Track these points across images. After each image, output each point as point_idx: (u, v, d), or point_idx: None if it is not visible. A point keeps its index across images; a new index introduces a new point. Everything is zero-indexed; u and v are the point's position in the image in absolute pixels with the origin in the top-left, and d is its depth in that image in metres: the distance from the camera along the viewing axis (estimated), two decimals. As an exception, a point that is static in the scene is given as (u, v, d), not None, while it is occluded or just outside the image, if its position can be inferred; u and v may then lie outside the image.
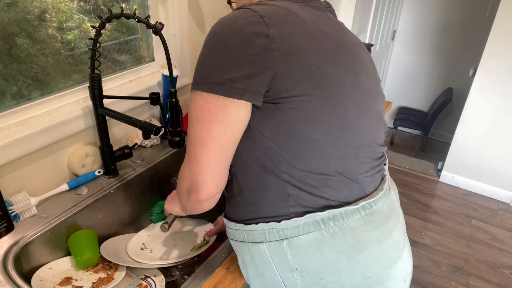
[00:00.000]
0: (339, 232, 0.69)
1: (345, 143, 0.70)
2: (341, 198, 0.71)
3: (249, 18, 0.64)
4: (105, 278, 0.92)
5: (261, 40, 0.62)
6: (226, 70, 0.62)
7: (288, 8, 0.69)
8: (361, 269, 0.71)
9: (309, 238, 0.70)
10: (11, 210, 0.91)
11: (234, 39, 0.63)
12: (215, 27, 0.66)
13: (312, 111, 0.66)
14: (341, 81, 0.69)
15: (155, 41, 1.34)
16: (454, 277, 2.09)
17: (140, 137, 1.27)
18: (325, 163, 0.69)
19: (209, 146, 0.65)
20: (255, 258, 0.76)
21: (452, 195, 2.77)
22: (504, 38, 2.34)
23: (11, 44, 0.94)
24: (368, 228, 0.71)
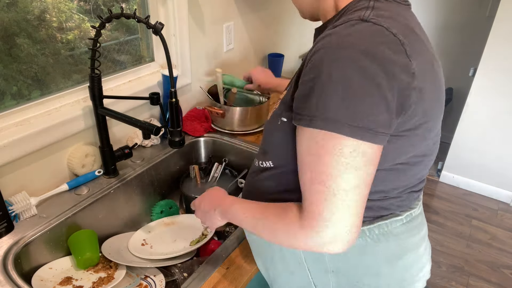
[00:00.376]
0: (382, 239, 0.69)
1: (416, 176, 0.70)
2: (390, 210, 0.70)
3: (392, 45, 0.54)
4: (106, 278, 0.92)
5: (405, 76, 0.54)
6: (371, 111, 0.52)
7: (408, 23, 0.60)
8: (399, 273, 0.72)
9: None
10: (11, 210, 0.91)
11: (379, 72, 0.52)
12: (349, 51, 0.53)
13: (409, 148, 0.63)
14: (438, 119, 0.66)
15: (155, 41, 1.34)
16: (454, 277, 2.09)
17: (140, 137, 1.27)
18: (390, 188, 0.68)
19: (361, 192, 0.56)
20: (286, 257, 0.75)
21: (452, 195, 2.77)
22: (504, 38, 2.34)
23: (11, 44, 0.94)
24: (409, 235, 0.72)
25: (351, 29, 0.55)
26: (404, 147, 0.62)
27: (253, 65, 1.86)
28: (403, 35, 0.56)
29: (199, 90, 1.52)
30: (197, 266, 1.00)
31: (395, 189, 0.68)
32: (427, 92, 0.58)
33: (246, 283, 0.86)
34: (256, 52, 1.84)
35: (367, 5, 0.60)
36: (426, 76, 0.58)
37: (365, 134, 0.53)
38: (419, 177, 0.72)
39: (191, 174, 1.31)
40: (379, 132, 0.54)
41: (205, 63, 1.51)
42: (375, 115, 0.53)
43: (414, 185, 0.72)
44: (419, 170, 0.69)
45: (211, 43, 1.50)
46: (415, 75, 0.55)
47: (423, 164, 0.69)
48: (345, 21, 0.58)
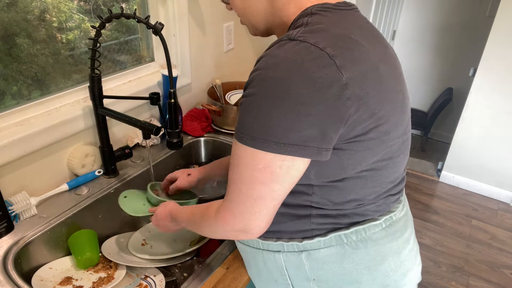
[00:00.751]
0: (361, 245, 0.69)
1: (386, 179, 0.70)
2: (367, 216, 0.70)
3: (318, 60, 0.54)
4: (106, 278, 0.92)
5: (334, 89, 0.54)
6: (297, 127, 0.54)
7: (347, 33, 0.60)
8: (380, 279, 0.71)
9: (330, 252, 0.69)
10: (11, 210, 0.91)
11: (304, 90, 0.53)
12: (274, 71, 0.55)
13: (366, 153, 0.63)
14: (396, 120, 0.65)
15: (155, 41, 1.34)
16: (454, 277, 2.09)
17: (140, 137, 1.27)
18: (362, 196, 0.68)
19: (267, 204, 0.61)
20: (269, 265, 0.76)
21: (452, 195, 2.77)
22: (504, 38, 2.34)
23: (11, 44, 0.94)
24: (389, 239, 0.71)
25: (279, 49, 0.57)
26: (360, 153, 0.62)
27: (253, 65, 1.85)
28: (333, 47, 0.56)
29: (199, 90, 1.52)
30: (197, 266, 1.00)
31: (367, 196, 0.68)
32: (370, 96, 0.58)
33: (246, 283, 0.86)
34: (256, 52, 1.84)
35: (302, 21, 0.61)
36: (367, 81, 0.58)
37: (293, 150, 0.56)
38: (391, 180, 0.71)
39: (191, 174, 1.31)
40: (309, 147, 0.56)
41: (205, 63, 1.51)
42: (301, 131, 0.55)
43: (388, 189, 0.71)
44: (388, 173, 0.69)
45: (211, 43, 1.51)
46: (347, 85, 0.55)
47: (391, 166, 0.69)
48: (276, 42, 0.60)
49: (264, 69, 0.56)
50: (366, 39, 0.62)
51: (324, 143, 0.57)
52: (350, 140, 0.60)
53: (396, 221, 0.73)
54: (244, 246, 0.80)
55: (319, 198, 0.66)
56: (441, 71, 3.54)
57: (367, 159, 0.63)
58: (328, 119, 0.55)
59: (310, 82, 0.53)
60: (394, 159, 0.68)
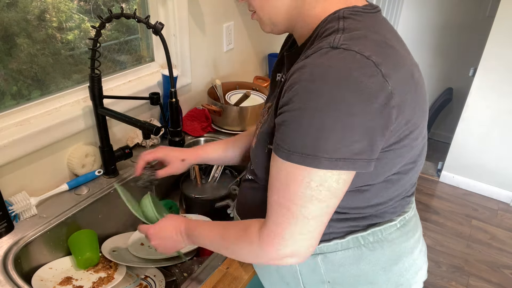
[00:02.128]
0: (377, 247, 0.69)
1: (408, 183, 0.70)
2: (385, 217, 0.71)
3: (365, 69, 0.52)
4: (106, 278, 0.92)
5: (382, 98, 0.53)
6: (348, 140, 0.52)
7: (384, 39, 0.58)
8: (394, 279, 0.72)
9: (346, 254, 0.69)
10: (11, 210, 0.91)
11: (354, 101, 0.51)
12: (322, 82, 0.52)
13: (398, 160, 0.62)
14: (422, 126, 0.65)
15: (155, 41, 1.34)
16: (454, 277, 2.09)
17: (140, 137, 1.27)
18: (385, 200, 0.68)
19: (322, 222, 0.59)
20: (281, 269, 0.76)
21: (452, 195, 2.77)
22: (504, 38, 2.34)
23: (11, 44, 0.94)
24: (403, 239, 0.72)
25: (321, 58, 0.54)
26: (392, 160, 0.62)
27: (253, 65, 1.86)
28: (377, 54, 0.54)
29: (199, 90, 1.52)
30: (197, 266, 1.00)
31: (390, 199, 0.69)
32: (407, 105, 0.57)
33: (246, 283, 0.86)
34: (256, 52, 1.84)
35: (337, 27, 0.58)
36: (405, 89, 0.57)
37: (344, 164, 0.54)
38: (411, 182, 0.72)
39: (191, 174, 1.31)
40: (358, 159, 0.54)
41: (205, 63, 1.51)
42: (352, 144, 0.53)
43: (407, 191, 0.72)
44: (410, 177, 0.69)
45: (211, 43, 1.50)
46: (392, 93, 0.54)
47: (414, 170, 0.69)
48: (316, 49, 0.56)
49: (309, 80, 0.53)
50: (397, 43, 0.61)
51: (373, 154, 0.55)
52: (386, 149, 0.59)
53: (408, 220, 0.74)
54: None
55: (343, 202, 0.64)
56: (441, 71, 3.54)
57: (397, 166, 0.63)
58: (377, 130, 0.54)
59: (359, 92, 0.51)
60: (417, 162, 0.68)
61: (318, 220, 0.58)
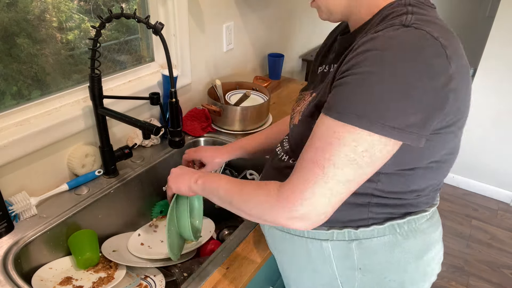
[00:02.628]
0: (411, 235, 0.71)
1: (444, 173, 0.71)
2: (420, 206, 0.72)
3: (433, 48, 0.55)
4: (106, 278, 0.92)
5: (443, 79, 0.55)
6: (407, 112, 0.54)
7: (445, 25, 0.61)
8: (423, 267, 0.74)
9: (382, 241, 0.70)
10: (11, 210, 0.91)
11: (419, 76, 0.54)
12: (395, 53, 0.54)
13: (442, 146, 0.64)
14: (465, 117, 0.66)
15: (155, 41, 1.34)
16: (454, 277, 2.09)
17: (140, 137, 1.27)
18: (422, 187, 0.69)
19: (349, 189, 0.58)
20: (312, 254, 0.76)
21: (452, 195, 2.77)
22: (504, 38, 2.34)
23: (11, 44, 0.94)
24: (433, 229, 0.74)
25: (394, 32, 0.56)
26: (439, 145, 0.63)
27: (253, 65, 1.86)
28: (444, 38, 0.56)
29: (199, 90, 1.52)
30: (197, 266, 1.00)
31: (427, 187, 0.70)
32: (461, 91, 0.60)
33: (246, 283, 0.86)
34: (256, 52, 1.84)
35: (406, 10, 0.60)
36: (462, 76, 0.59)
37: (397, 133, 0.55)
38: (445, 174, 0.73)
39: (191, 174, 1.31)
40: (409, 132, 0.55)
41: (205, 63, 1.51)
42: (409, 116, 0.54)
43: (440, 182, 0.74)
44: (447, 167, 0.71)
45: (211, 43, 1.50)
46: (452, 77, 0.56)
47: (452, 161, 0.71)
48: (387, 26, 0.58)
49: (381, 49, 0.55)
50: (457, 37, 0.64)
51: (425, 130, 0.57)
52: (436, 132, 0.60)
53: (435, 212, 0.77)
54: (282, 233, 0.78)
55: (383, 185, 0.66)
56: (441, 71, 3.53)
57: (440, 152, 0.65)
58: (434, 108, 0.56)
59: (426, 68, 0.54)
60: (454, 154, 0.70)
61: (347, 186, 0.57)
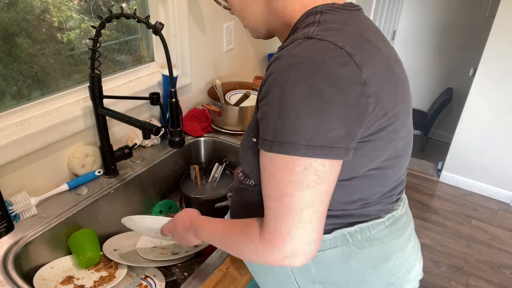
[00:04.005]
0: (366, 245, 0.69)
1: (391, 179, 0.70)
2: (371, 216, 0.70)
3: (338, 58, 0.54)
4: (107, 277, 0.92)
5: (355, 87, 0.53)
6: (325, 128, 0.53)
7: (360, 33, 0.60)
8: (385, 277, 0.71)
9: (335, 252, 0.69)
10: (11, 210, 0.91)
11: (328, 89, 0.52)
12: (297, 71, 0.53)
13: (377, 153, 0.62)
14: (404, 119, 0.65)
15: (155, 41, 1.34)
16: (454, 277, 2.09)
17: (140, 137, 1.27)
18: (368, 195, 0.68)
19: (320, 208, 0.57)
20: (274, 270, 0.76)
21: (452, 195, 2.77)
22: (504, 38, 2.34)
23: (11, 44, 0.94)
24: (393, 237, 0.71)
25: (297, 48, 0.55)
26: (371, 152, 0.61)
27: (253, 65, 1.86)
28: (350, 46, 0.55)
29: (199, 90, 1.52)
30: (197, 266, 1.00)
31: (373, 195, 0.68)
32: (384, 95, 0.58)
33: (246, 283, 0.86)
34: (256, 52, 1.84)
35: (313, 19, 0.60)
36: (382, 79, 0.58)
37: (321, 152, 0.53)
38: (395, 179, 0.71)
39: (191, 174, 1.31)
40: (335, 148, 0.54)
41: (205, 63, 1.51)
42: (329, 132, 0.53)
43: (392, 187, 0.71)
44: (393, 172, 0.69)
45: (211, 43, 1.51)
46: (367, 83, 0.54)
47: (397, 165, 0.69)
48: (291, 40, 0.58)
49: (284, 70, 0.54)
50: (376, 39, 0.63)
51: (351, 143, 0.56)
52: (364, 140, 0.59)
53: (398, 218, 0.73)
54: None
55: None
56: (441, 71, 3.54)
57: (377, 158, 0.63)
58: (354, 118, 0.54)
59: (333, 80, 0.52)
60: (400, 158, 0.68)
61: (311, 209, 0.56)
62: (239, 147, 0.75)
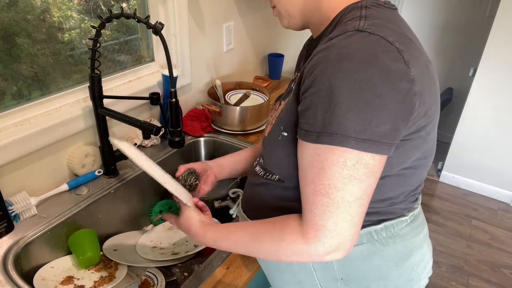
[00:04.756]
0: (390, 242, 0.70)
1: (418, 178, 0.70)
2: (397, 213, 0.71)
3: (389, 53, 0.54)
4: (107, 277, 0.92)
5: (405, 84, 0.53)
6: (375, 122, 0.52)
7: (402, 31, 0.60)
8: (406, 273, 0.73)
9: (360, 249, 0.69)
10: (11, 210, 0.91)
11: (379, 83, 0.52)
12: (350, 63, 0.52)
13: (413, 152, 0.63)
14: (435, 120, 0.65)
15: (155, 41, 1.34)
16: (454, 277, 2.09)
17: (140, 137, 1.27)
18: (397, 194, 0.68)
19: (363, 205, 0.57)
20: (294, 266, 0.75)
21: (452, 195, 2.77)
22: (504, 38, 2.34)
23: (11, 44, 0.94)
24: (414, 234, 0.73)
25: (347, 40, 0.55)
26: (409, 151, 0.62)
27: (253, 65, 1.86)
28: (399, 42, 0.55)
29: (199, 90, 1.52)
30: (197, 266, 1.00)
31: (401, 194, 0.69)
32: (426, 94, 0.58)
33: (246, 283, 0.86)
34: (256, 52, 1.84)
35: (360, 14, 0.60)
36: (424, 79, 0.58)
37: (369, 146, 0.53)
38: (421, 179, 0.72)
39: (191, 174, 1.31)
40: (382, 143, 0.54)
41: (205, 63, 1.51)
42: (378, 126, 0.53)
43: (416, 187, 0.73)
44: (421, 172, 0.70)
45: (211, 43, 1.51)
46: (414, 81, 0.54)
47: (425, 166, 0.70)
48: (340, 32, 0.57)
49: (336, 60, 0.53)
50: (415, 39, 0.63)
51: (396, 138, 0.55)
52: (406, 138, 0.59)
53: (417, 216, 0.75)
54: None
55: None
56: (441, 71, 3.54)
57: (411, 158, 0.64)
58: (401, 114, 0.54)
59: (385, 74, 0.52)
60: (428, 158, 0.69)
61: (359, 202, 0.56)
62: (265, 140, 0.73)
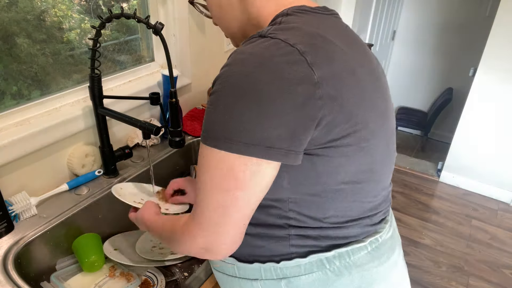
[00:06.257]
0: (345, 272, 0.64)
1: (368, 194, 0.65)
2: (350, 238, 0.65)
3: (287, 56, 0.52)
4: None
5: (304, 86, 0.51)
6: (263, 126, 0.50)
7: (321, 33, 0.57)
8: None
9: (311, 278, 0.64)
10: (11, 210, 0.91)
11: (270, 87, 0.50)
12: (241, 66, 0.52)
13: (344, 162, 0.58)
14: (376, 128, 0.61)
15: (155, 41, 1.34)
16: (454, 277, 2.09)
17: (140, 137, 1.27)
18: (343, 212, 0.63)
19: (232, 216, 0.55)
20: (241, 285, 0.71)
21: (452, 195, 2.77)
22: (504, 38, 2.34)
23: (11, 44, 0.94)
24: (375, 264, 0.66)
25: (248, 46, 0.54)
26: (336, 160, 0.57)
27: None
28: (305, 44, 0.53)
29: (199, 90, 1.52)
30: (197, 266, 1.00)
31: (348, 211, 0.63)
32: (346, 99, 0.55)
33: (246, 283, 0.86)
34: (256, 52, 1.84)
35: (276, 21, 0.59)
36: (341, 83, 0.55)
37: (254, 150, 0.51)
38: (373, 195, 0.66)
39: (191, 174, 1.31)
40: (273, 148, 0.51)
41: (205, 63, 1.51)
42: (267, 131, 0.51)
43: (371, 207, 0.66)
44: (370, 188, 0.64)
45: (211, 43, 1.51)
46: (320, 84, 0.52)
47: (373, 180, 0.64)
48: (246, 40, 0.57)
49: (230, 65, 0.53)
50: (343, 41, 0.60)
51: (293, 145, 0.52)
52: (325, 146, 0.56)
53: (382, 243, 0.68)
54: (221, 274, 0.74)
55: (296, 214, 0.61)
56: (441, 71, 3.54)
57: (344, 167, 0.59)
58: (298, 119, 0.51)
59: (278, 78, 0.50)
60: (376, 172, 0.64)
61: (227, 212, 0.55)
62: None
